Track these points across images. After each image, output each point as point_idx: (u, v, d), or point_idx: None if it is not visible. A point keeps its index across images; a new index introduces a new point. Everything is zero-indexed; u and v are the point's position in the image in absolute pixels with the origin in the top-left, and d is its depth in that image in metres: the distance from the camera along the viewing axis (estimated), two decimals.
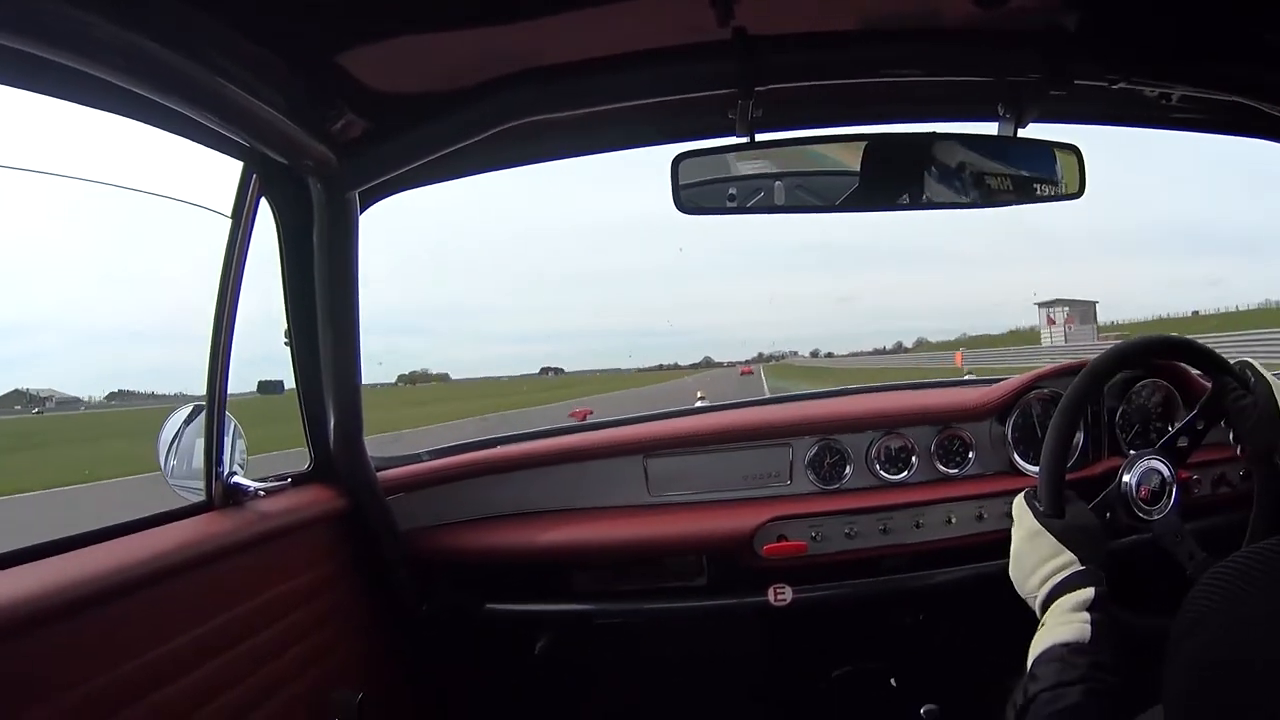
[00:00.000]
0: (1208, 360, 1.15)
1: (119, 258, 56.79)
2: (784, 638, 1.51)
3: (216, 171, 1.11)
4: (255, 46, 0.92)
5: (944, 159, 1.09)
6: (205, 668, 0.95)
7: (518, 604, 1.41)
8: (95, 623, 0.81)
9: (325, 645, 1.22)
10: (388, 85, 1.08)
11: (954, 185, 1.09)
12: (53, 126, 1.20)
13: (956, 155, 1.10)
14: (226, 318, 1.12)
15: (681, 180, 1.07)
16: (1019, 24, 1.04)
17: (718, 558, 1.38)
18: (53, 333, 50.18)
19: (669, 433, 1.49)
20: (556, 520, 1.43)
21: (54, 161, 1.06)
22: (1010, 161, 1.12)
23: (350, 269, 1.23)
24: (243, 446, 1.19)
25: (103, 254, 53.57)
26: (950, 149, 1.10)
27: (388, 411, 19.24)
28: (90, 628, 0.80)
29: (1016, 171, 1.11)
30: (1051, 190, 1.12)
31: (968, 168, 1.10)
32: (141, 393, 39.22)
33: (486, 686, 1.53)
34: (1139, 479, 1.08)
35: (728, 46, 1.00)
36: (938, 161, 1.09)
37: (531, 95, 1.07)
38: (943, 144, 1.10)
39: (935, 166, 1.09)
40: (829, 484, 1.44)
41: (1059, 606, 0.86)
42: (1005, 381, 1.51)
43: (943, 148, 1.10)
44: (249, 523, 1.11)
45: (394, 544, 1.38)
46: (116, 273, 56.28)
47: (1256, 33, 1.04)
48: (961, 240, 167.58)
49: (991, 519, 1.33)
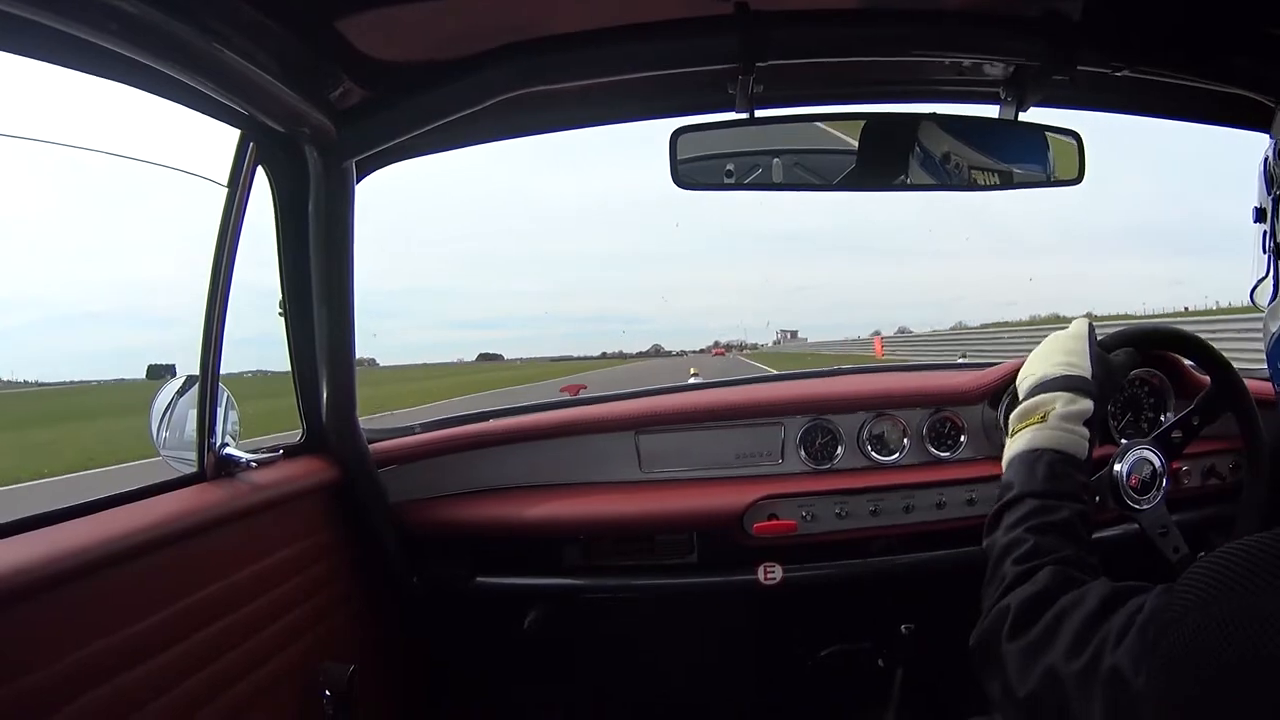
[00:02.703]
0: (1207, 355, 1.16)
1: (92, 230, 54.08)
2: (773, 616, 1.51)
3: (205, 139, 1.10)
4: (254, 12, 0.90)
5: (943, 141, 1.09)
6: (195, 638, 0.95)
7: (508, 578, 1.41)
8: (86, 593, 0.80)
9: (316, 617, 1.22)
10: (387, 53, 1.07)
11: (952, 167, 1.09)
12: (41, 92, 1.18)
13: (956, 137, 1.10)
14: (221, 287, 1.11)
15: (680, 155, 1.07)
16: (1024, 7, 1.04)
17: (708, 535, 1.38)
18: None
19: (661, 409, 1.49)
20: (547, 495, 1.43)
21: (40, 128, 1.05)
22: (1010, 145, 1.11)
23: (346, 239, 1.22)
24: (235, 418, 1.18)
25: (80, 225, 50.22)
26: (950, 131, 1.09)
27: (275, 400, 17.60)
28: (81, 598, 0.80)
29: (1016, 156, 1.11)
30: (1050, 176, 1.12)
31: (967, 150, 1.10)
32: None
33: (476, 659, 1.54)
34: (1130, 468, 1.09)
35: (730, 20, 0.99)
36: (937, 143, 1.09)
37: (531, 66, 1.06)
38: (942, 126, 1.09)
39: (934, 148, 1.09)
40: (820, 464, 1.44)
41: (1058, 404, 0.82)
42: (999, 366, 1.51)
43: (942, 130, 1.09)
44: (241, 494, 1.11)
45: (385, 516, 1.37)
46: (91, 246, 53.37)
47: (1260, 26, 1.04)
48: (909, 233, 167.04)
49: (983, 503, 1.33)
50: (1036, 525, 0.73)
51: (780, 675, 1.57)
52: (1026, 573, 0.69)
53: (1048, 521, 0.73)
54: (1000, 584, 0.70)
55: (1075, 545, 0.71)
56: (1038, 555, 0.70)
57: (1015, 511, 0.75)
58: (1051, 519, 0.73)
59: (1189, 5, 1.03)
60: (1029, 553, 0.70)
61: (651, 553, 1.40)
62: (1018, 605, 0.66)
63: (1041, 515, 0.74)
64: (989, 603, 0.70)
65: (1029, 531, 0.72)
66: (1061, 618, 0.62)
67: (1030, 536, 0.72)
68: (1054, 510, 0.74)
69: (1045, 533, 0.72)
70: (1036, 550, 0.70)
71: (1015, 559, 0.71)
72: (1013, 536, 0.73)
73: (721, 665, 1.58)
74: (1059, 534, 0.72)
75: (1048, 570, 0.68)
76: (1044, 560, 0.69)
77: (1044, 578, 0.67)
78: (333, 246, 1.21)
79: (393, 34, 1.04)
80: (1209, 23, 1.04)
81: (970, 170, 1.10)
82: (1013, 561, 0.71)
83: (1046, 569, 0.68)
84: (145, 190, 36.51)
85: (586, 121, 1.31)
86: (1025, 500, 0.75)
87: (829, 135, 1.09)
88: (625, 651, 1.56)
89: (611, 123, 1.31)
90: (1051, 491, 0.76)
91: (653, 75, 1.09)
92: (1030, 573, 0.68)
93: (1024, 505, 0.75)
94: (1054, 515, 0.73)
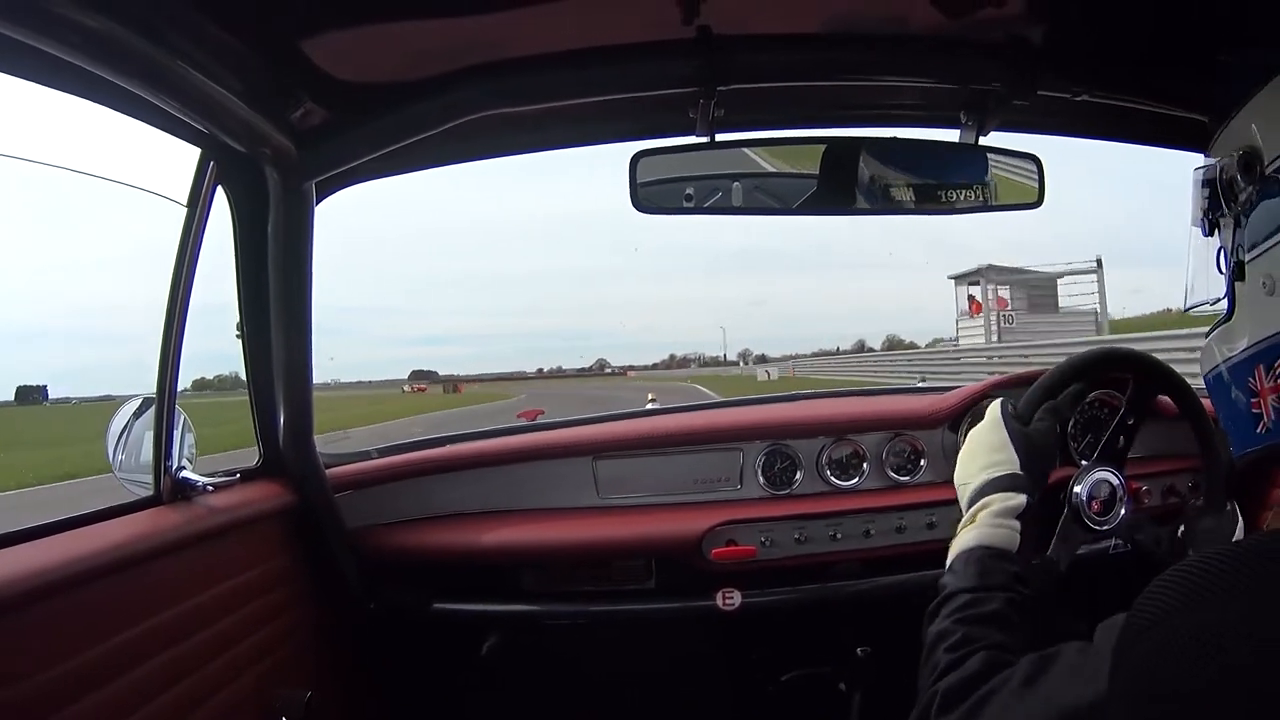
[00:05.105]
0: (1122, 360, 1.17)
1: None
2: (733, 641, 1.50)
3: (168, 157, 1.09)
4: (218, 30, 0.89)
5: (904, 164, 1.10)
6: (150, 664, 0.93)
7: (465, 604, 1.39)
8: (34, 621, 0.78)
9: (273, 643, 1.20)
10: (349, 74, 1.06)
11: (913, 191, 1.10)
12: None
13: (917, 161, 1.11)
14: (179, 308, 1.10)
15: (640, 178, 1.07)
16: (985, 33, 1.05)
17: (666, 561, 1.37)
18: None
19: (619, 435, 1.49)
20: (505, 521, 1.41)
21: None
22: (971, 169, 1.12)
23: (305, 261, 1.21)
24: (192, 440, 1.17)
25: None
26: (911, 154, 1.11)
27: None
28: (29, 626, 0.77)
29: (976, 179, 1.12)
30: (1010, 199, 1.13)
31: (928, 174, 1.11)
32: None
33: (435, 686, 1.51)
34: (1089, 490, 1.09)
35: (691, 45, 1.00)
36: (898, 166, 1.10)
37: (493, 88, 1.06)
38: (903, 149, 1.10)
39: (895, 171, 1.10)
40: (779, 489, 1.43)
41: (989, 507, 0.85)
42: (958, 390, 1.52)
43: (903, 153, 1.10)
44: (198, 518, 1.09)
45: (342, 541, 1.36)
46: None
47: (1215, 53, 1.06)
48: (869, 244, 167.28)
49: (943, 527, 1.33)
50: (967, 617, 0.75)
51: (741, 700, 1.56)
52: (957, 660, 0.71)
53: (978, 613, 0.76)
54: (933, 671, 0.72)
55: (1006, 633, 0.74)
56: (968, 644, 0.72)
57: (948, 606, 0.78)
58: (982, 610, 0.76)
59: (1148, 32, 1.04)
60: (959, 642, 0.73)
61: (609, 579, 1.39)
62: (945, 689, 0.68)
63: (972, 608, 0.76)
64: (922, 690, 0.73)
65: (959, 623, 0.75)
66: (988, 696, 0.64)
67: (960, 628, 0.74)
68: (984, 602, 0.76)
69: (975, 623, 0.75)
70: (966, 639, 0.73)
71: (947, 648, 0.73)
72: (944, 627, 0.76)
73: (682, 691, 1.57)
74: (989, 624, 0.75)
75: (978, 656, 0.70)
76: (974, 647, 0.71)
77: (974, 663, 0.69)
78: (291, 268, 1.20)
79: (355, 55, 1.04)
80: (1167, 49, 1.06)
81: (931, 194, 1.11)
82: (944, 650, 0.73)
83: (976, 655, 0.70)
84: (104, 208, 35.57)
85: (549, 144, 1.31)
86: (957, 595, 0.78)
87: (790, 159, 1.09)
88: (585, 677, 1.55)
89: (574, 145, 1.31)
90: (981, 585, 0.78)
91: (615, 99, 1.10)
92: (960, 660, 0.70)
93: (956, 600, 0.78)
94: (984, 607, 0.76)
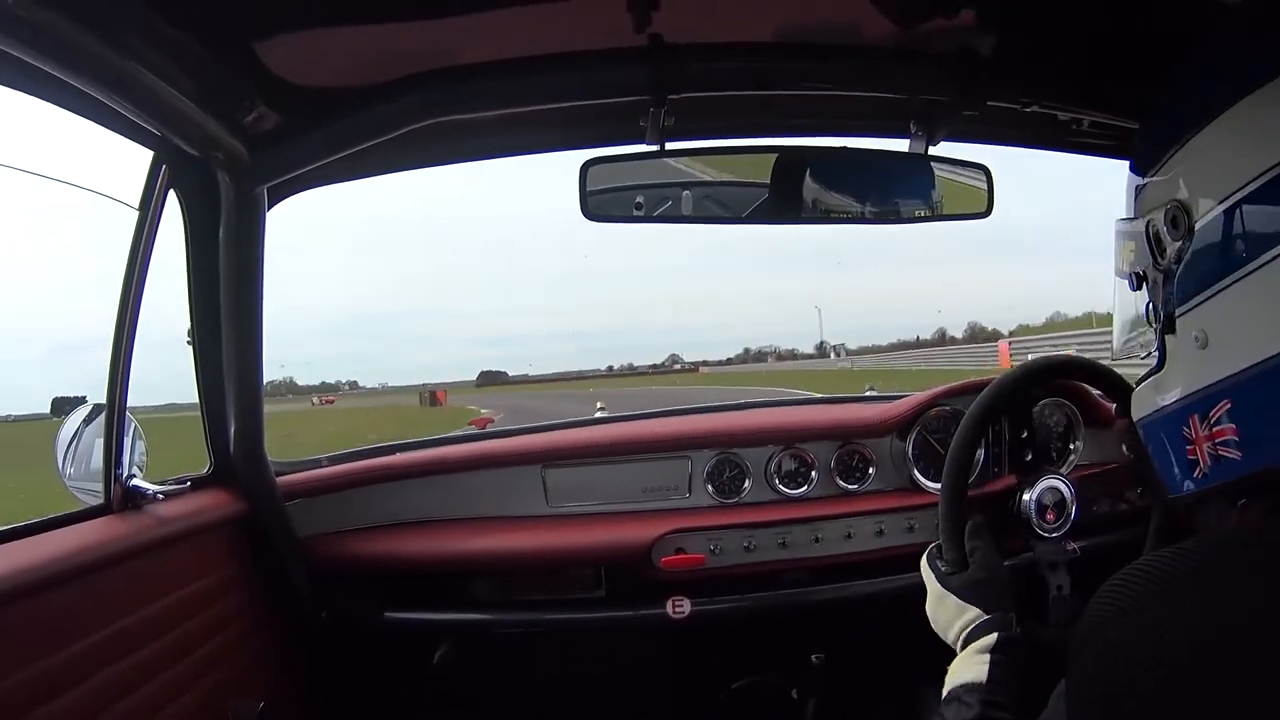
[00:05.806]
0: (1110, 382, 1.19)
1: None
2: (683, 650, 1.50)
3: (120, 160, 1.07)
4: (173, 30, 0.87)
5: (854, 173, 1.11)
6: (101, 675, 0.92)
7: (416, 613, 1.39)
8: None
9: (225, 652, 1.18)
10: (302, 78, 1.05)
11: (863, 200, 1.11)
12: None
13: (867, 170, 1.12)
14: (130, 313, 1.09)
15: (590, 186, 1.07)
16: (935, 44, 1.06)
17: (616, 570, 1.37)
18: None
19: (567, 443, 1.49)
20: (455, 529, 1.41)
21: None
22: (920, 178, 1.13)
23: (255, 267, 1.20)
24: (142, 448, 1.15)
25: None
26: (861, 164, 1.12)
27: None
28: None
29: (926, 188, 1.13)
30: (959, 208, 1.15)
31: (878, 183, 1.12)
32: None
33: (387, 695, 1.50)
34: (1038, 496, 1.11)
35: (643, 53, 1.00)
36: (848, 176, 1.11)
37: (445, 94, 1.05)
38: (854, 158, 1.12)
39: (845, 181, 1.10)
40: (728, 497, 1.44)
41: (965, 652, 0.88)
42: (906, 399, 1.54)
43: (853, 162, 1.11)
44: (148, 527, 1.07)
45: (292, 550, 1.34)
46: None
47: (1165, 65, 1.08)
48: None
49: (891, 534, 1.34)
50: None
51: (693, 708, 1.56)
52: None
53: None
54: None
55: None
56: None
57: None
58: None
59: (1098, 44, 1.06)
60: None
61: (560, 587, 1.39)
62: None
63: None
64: None
65: None
66: None
67: None
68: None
69: None
70: None
71: None
72: None
73: (634, 699, 1.56)
74: None
75: None
76: None
77: None
78: (243, 274, 1.19)
79: (308, 59, 1.03)
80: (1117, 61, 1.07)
81: (881, 203, 1.12)
82: None
83: None
84: (53, 211, 34.19)
85: (501, 151, 1.30)
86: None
87: (740, 168, 1.10)
88: (536, 687, 1.54)
89: (526, 153, 1.31)
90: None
91: (566, 106, 1.09)
92: None
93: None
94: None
